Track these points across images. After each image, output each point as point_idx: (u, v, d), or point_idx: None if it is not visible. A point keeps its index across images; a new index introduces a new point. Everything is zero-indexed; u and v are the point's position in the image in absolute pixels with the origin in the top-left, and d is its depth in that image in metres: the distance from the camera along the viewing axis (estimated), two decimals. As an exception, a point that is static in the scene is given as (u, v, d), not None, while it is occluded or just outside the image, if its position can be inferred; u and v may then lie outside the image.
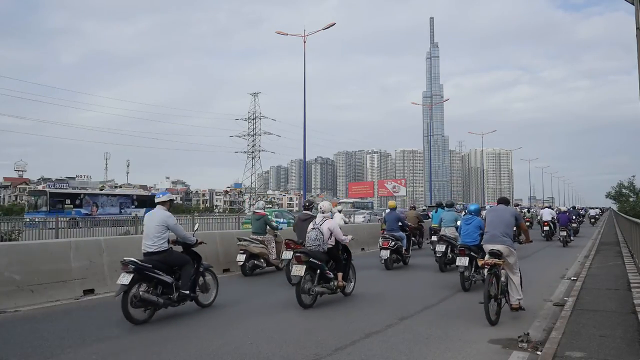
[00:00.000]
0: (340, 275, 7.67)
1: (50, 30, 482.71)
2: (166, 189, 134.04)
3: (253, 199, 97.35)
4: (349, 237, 8.03)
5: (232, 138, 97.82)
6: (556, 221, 21.05)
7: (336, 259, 7.78)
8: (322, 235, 7.59)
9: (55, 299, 7.37)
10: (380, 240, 11.85)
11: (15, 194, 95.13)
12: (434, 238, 13.12)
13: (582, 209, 48.72)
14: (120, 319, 5.98)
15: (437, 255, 11.39)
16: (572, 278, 10.07)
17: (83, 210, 35.74)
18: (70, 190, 46.75)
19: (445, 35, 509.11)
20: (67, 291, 7.64)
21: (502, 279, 6.50)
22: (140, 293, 6.12)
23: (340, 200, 67.89)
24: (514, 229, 7.65)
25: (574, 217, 23.27)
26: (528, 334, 5.46)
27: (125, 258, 6.15)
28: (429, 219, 19.24)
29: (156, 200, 6.89)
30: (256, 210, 11.63)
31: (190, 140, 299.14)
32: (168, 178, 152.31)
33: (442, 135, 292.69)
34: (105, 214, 35.63)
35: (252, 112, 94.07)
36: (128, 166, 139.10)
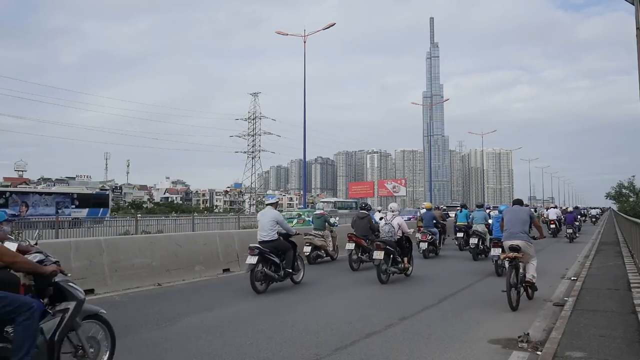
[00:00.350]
0: (405, 259, 9.93)
1: (50, 30, 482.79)
2: (166, 189, 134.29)
3: (253, 199, 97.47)
4: (412, 230, 10.91)
5: (232, 138, 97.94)
6: (562, 220, 23.77)
7: (402, 246, 10.02)
8: (394, 228, 9.87)
9: (55, 299, 7.36)
10: (419, 234, 14.26)
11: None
12: (460, 234, 15.96)
13: (583, 209, 51.12)
14: (117, 319, 5.98)
15: (471, 247, 13.71)
16: (572, 278, 10.07)
17: (9, 211, 27.33)
18: (-10, 188, 39.71)
19: (445, 35, 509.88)
20: (67, 291, 7.61)
21: (521, 270, 7.42)
22: (265, 270, 8.31)
23: (322, 200, 67.96)
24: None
25: (578, 217, 24.92)
26: (528, 334, 5.46)
27: (251, 244, 8.45)
28: (450, 218, 21.79)
29: (266, 202, 9.27)
30: (317, 211, 15.28)
31: (190, 140, 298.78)
32: (168, 178, 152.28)
33: (442, 135, 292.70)
34: (38, 214, 31.00)
35: (252, 112, 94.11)
36: (128, 166, 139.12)
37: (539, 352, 4.91)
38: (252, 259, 8.17)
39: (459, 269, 12.10)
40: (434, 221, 15.01)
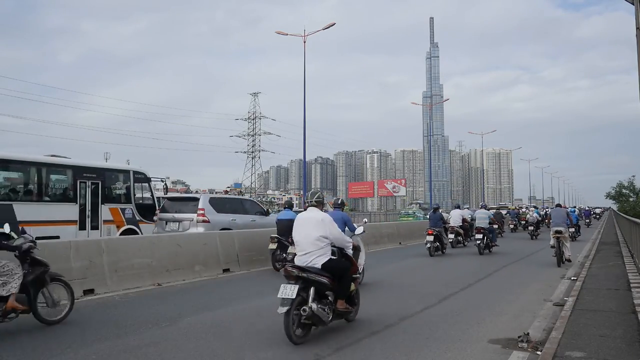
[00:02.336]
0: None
1: (48, 29, 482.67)
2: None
3: (253, 199, 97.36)
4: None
5: (232, 138, 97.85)
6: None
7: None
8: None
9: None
10: (451, 235, 17.54)
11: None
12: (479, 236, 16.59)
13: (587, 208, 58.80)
14: (118, 319, 5.98)
15: (476, 241, 15.87)
16: (572, 278, 10.08)
17: None
18: None
19: (445, 34, 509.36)
20: (67, 291, 7.61)
21: (561, 244, 12.52)
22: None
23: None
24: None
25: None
26: (528, 334, 5.46)
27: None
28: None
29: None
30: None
31: (190, 140, 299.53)
32: (168, 178, 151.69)
33: (442, 135, 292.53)
34: None
35: (252, 112, 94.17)
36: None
37: (539, 352, 4.91)
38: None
39: (459, 268, 12.13)
40: (489, 220, 16.67)
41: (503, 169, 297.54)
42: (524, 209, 38.14)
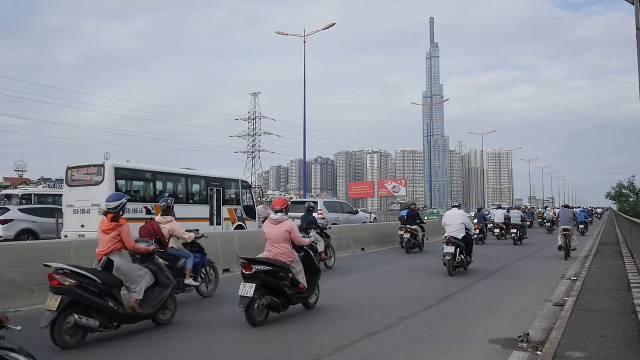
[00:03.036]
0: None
1: (48, 29, 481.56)
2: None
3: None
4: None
5: (232, 138, 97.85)
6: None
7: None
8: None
9: (55, 299, 7.35)
10: (496, 230, 21.28)
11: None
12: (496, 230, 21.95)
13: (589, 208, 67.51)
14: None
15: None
16: (572, 278, 10.08)
17: None
18: None
19: (445, 34, 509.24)
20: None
21: (568, 240, 14.26)
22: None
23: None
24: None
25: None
26: (528, 334, 5.47)
27: None
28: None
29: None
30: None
31: (190, 140, 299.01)
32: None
33: (442, 135, 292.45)
34: None
35: (252, 112, 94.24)
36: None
37: (539, 352, 4.91)
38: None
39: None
40: (521, 219, 19.79)
41: (503, 169, 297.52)
42: (540, 209, 47.13)
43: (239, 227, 18.46)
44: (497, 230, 21.58)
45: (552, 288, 9.07)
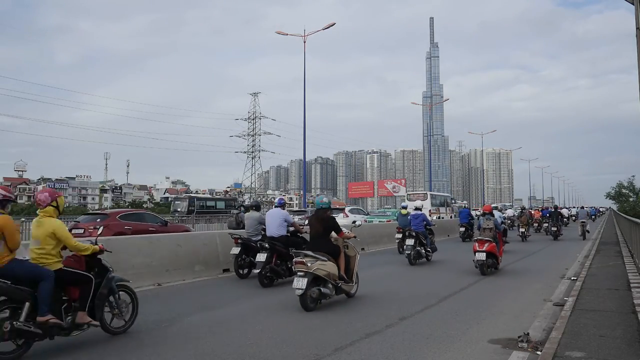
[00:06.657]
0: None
1: (45, 29, 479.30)
2: (166, 189, 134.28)
3: (252, 199, 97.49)
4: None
5: (232, 138, 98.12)
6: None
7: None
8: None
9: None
10: (524, 228, 21.99)
11: (16, 194, 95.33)
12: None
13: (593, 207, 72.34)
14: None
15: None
16: (572, 278, 10.08)
17: None
18: None
19: (445, 34, 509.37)
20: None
21: (584, 228, 22.71)
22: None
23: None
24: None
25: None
26: (528, 334, 5.46)
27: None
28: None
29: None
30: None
31: (190, 140, 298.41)
32: (168, 178, 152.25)
33: (442, 135, 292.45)
34: None
35: (252, 112, 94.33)
36: (128, 166, 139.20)
37: (539, 352, 4.91)
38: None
39: (458, 268, 12.15)
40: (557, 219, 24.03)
41: (503, 169, 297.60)
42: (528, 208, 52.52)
43: None
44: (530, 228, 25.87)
45: (552, 288, 9.07)
